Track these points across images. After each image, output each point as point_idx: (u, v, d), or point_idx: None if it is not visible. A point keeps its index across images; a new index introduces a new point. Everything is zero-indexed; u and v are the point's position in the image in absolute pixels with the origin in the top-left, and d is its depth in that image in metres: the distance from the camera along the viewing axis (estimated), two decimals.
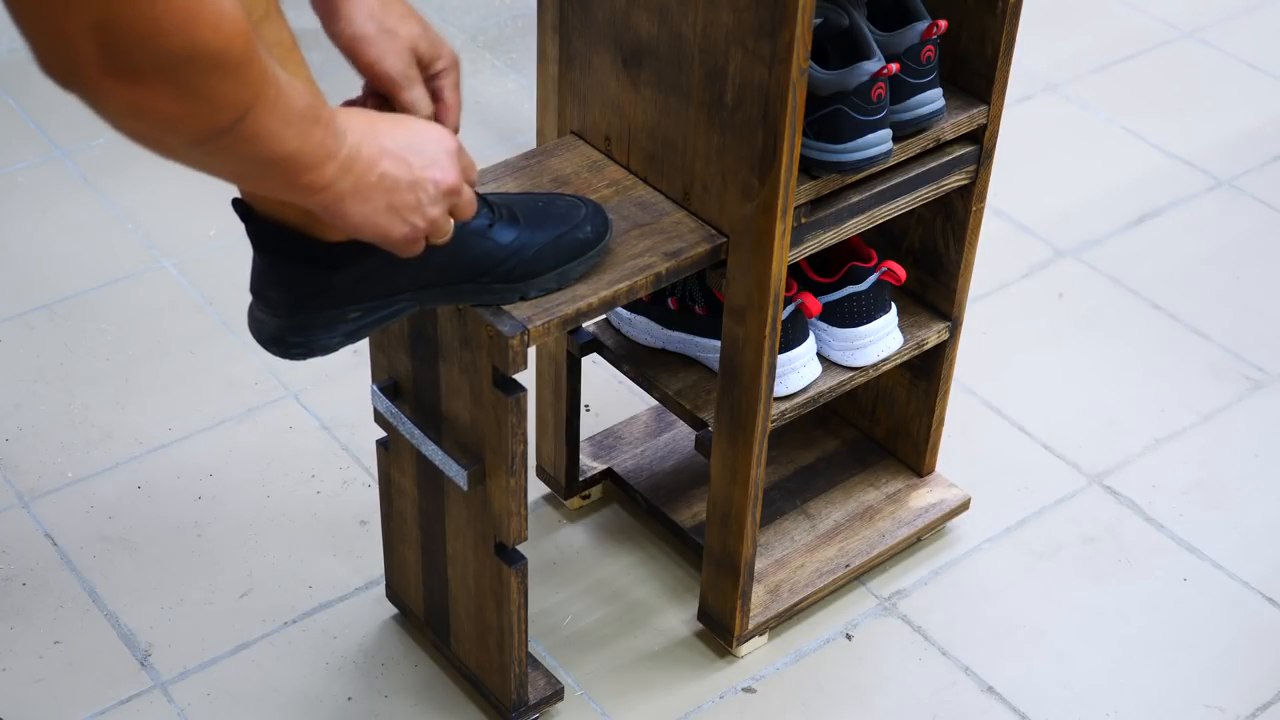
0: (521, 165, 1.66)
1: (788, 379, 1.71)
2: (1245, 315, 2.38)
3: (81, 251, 2.38)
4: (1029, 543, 2.01)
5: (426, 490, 1.67)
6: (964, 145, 1.72)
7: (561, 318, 1.49)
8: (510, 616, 1.63)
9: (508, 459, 1.51)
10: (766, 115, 1.48)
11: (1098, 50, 2.99)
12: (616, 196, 1.63)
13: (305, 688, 1.80)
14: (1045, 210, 2.57)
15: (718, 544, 1.78)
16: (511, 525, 1.56)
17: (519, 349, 1.46)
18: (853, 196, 1.63)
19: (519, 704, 1.71)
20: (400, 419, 1.62)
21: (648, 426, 2.04)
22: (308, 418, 2.12)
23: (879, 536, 1.92)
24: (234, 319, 2.26)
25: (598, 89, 1.66)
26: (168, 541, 1.95)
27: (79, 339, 2.23)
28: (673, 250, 1.56)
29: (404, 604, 1.82)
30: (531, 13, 2.92)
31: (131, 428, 2.09)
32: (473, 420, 1.54)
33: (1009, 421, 2.18)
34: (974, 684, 1.84)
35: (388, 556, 1.81)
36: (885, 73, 1.54)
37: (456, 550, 1.67)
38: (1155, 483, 2.11)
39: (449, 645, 1.77)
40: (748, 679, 1.83)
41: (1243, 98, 2.89)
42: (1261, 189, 2.65)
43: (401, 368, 1.62)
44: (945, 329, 1.85)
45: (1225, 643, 1.91)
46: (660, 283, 1.55)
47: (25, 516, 1.97)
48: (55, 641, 1.83)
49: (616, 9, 1.60)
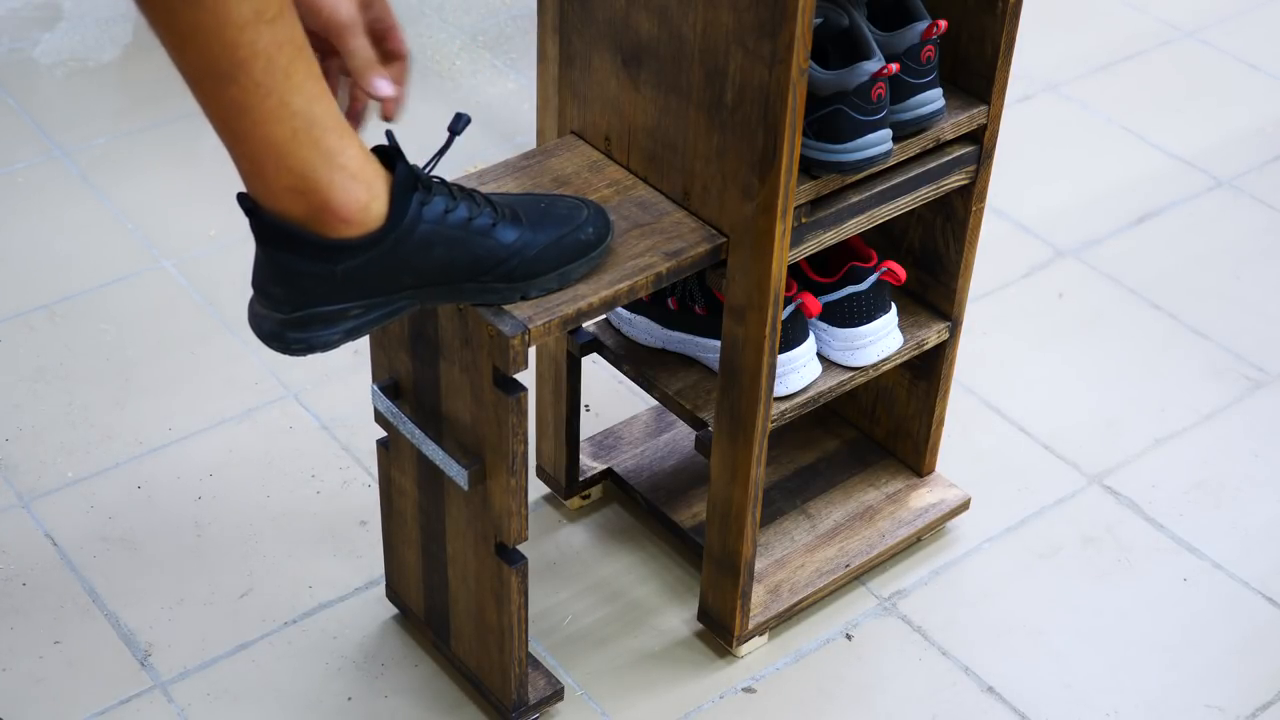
0: (521, 165, 1.66)
1: (788, 379, 1.71)
2: (1245, 315, 2.38)
3: (81, 251, 2.38)
4: (1029, 543, 2.01)
5: (427, 490, 1.67)
6: (964, 145, 1.72)
7: (562, 317, 1.49)
8: (510, 616, 1.63)
9: (508, 459, 1.51)
10: (766, 115, 1.48)
11: (1098, 50, 2.99)
12: (616, 196, 1.63)
13: (305, 688, 1.80)
14: (1045, 210, 2.57)
15: (718, 544, 1.78)
16: (512, 525, 1.56)
17: (520, 349, 1.46)
18: (853, 196, 1.63)
19: (519, 704, 1.71)
20: (401, 419, 1.62)
21: (648, 426, 2.04)
22: (308, 418, 2.12)
23: (879, 536, 1.92)
24: (234, 319, 2.26)
25: (598, 89, 1.66)
26: (168, 541, 1.95)
27: (79, 339, 2.23)
28: (673, 250, 1.56)
29: (404, 604, 1.82)
30: (531, 13, 2.92)
31: (131, 428, 2.09)
32: (473, 420, 1.54)
33: (1009, 421, 2.18)
34: (974, 684, 1.84)
35: (388, 557, 1.81)
36: (885, 73, 1.54)
37: (457, 550, 1.67)
38: (1155, 483, 2.10)
39: (449, 645, 1.77)
40: (748, 679, 1.83)
41: (1243, 98, 2.89)
42: (1261, 189, 2.65)
43: (402, 367, 1.62)
44: (945, 329, 1.85)
45: (1225, 643, 1.91)
46: (661, 283, 1.55)
47: (25, 516, 1.97)
48: (55, 641, 1.83)
49: (616, 9, 1.60)
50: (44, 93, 2.71)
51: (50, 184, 2.51)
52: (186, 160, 2.50)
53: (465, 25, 2.96)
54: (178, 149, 2.51)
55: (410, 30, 2.91)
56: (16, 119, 2.64)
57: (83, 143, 2.59)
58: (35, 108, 2.67)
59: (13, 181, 2.51)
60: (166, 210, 2.44)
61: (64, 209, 2.46)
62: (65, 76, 2.75)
